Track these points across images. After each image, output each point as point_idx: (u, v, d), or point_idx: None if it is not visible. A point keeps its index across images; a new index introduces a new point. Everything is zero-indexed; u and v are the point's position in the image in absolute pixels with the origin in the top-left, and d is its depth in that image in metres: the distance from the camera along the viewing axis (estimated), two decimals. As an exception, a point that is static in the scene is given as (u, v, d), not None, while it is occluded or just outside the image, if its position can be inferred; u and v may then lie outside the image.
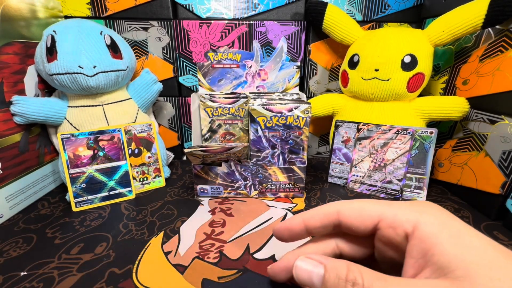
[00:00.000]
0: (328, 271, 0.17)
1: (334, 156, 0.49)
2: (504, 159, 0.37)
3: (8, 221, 0.38)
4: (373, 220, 0.19)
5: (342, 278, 0.16)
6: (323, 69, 0.57)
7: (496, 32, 0.39)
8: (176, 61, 0.53)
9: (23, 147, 0.40)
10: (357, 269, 0.16)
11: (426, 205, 0.18)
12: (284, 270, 0.22)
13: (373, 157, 0.45)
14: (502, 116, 0.37)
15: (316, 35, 0.54)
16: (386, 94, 0.45)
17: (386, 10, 0.54)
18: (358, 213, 0.19)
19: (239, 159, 0.41)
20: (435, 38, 0.42)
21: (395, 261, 0.19)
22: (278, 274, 0.23)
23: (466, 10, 0.39)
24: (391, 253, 0.19)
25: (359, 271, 0.16)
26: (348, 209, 0.20)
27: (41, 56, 0.39)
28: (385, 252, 0.20)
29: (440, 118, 0.44)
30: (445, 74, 0.48)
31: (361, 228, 0.19)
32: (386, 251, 0.19)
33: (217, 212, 0.40)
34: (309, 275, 0.18)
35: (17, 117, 0.39)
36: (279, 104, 0.39)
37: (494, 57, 0.39)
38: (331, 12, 0.48)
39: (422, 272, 0.16)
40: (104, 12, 0.50)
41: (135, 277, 0.28)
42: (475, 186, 0.41)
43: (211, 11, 0.52)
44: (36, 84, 0.43)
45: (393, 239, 0.18)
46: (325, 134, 0.62)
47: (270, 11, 0.53)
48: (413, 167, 0.43)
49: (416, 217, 0.17)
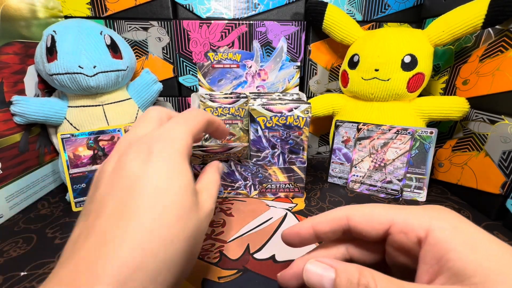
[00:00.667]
0: (340, 275, 0.17)
1: (334, 156, 0.49)
2: (504, 159, 0.37)
3: (8, 221, 0.38)
4: (384, 225, 0.19)
5: (354, 282, 0.16)
6: (323, 69, 0.57)
7: (496, 32, 0.39)
8: (176, 61, 0.53)
9: (23, 147, 0.40)
10: (369, 273, 0.16)
11: (438, 210, 0.18)
12: (294, 276, 0.22)
13: (373, 157, 0.45)
14: (502, 116, 0.37)
15: (316, 35, 0.54)
16: (386, 94, 0.45)
17: (386, 10, 0.54)
18: (368, 218, 0.19)
19: (239, 159, 0.41)
20: (435, 38, 0.42)
21: (407, 267, 0.19)
22: (289, 280, 0.22)
23: (466, 10, 0.39)
24: (403, 259, 0.19)
25: (371, 276, 0.16)
26: (358, 214, 0.20)
27: (41, 56, 0.39)
28: (396, 258, 0.19)
29: (440, 118, 0.44)
30: (445, 74, 0.48)
31: (371, 233, 0.19)
32: (397, 256, 0.19)
33: (217, 212, 0.40)
34: (320, 279, 0.18)
35: (17, 117, 0.39)
36: (279, 104, 0.39)
37: (494, 57, 0.39)
38: (331, 12, 0.48)
39: (437, 278, 0.16)
40: (104, 12, 0.50)
41: (135, 277, 0.28)
42: (475, 186, 0.41)
43: (211, 11, 0.52)
44: (36, 84, 0.43)
45: (405, 244, 0.18)
46: (325, 134, 0.62)
47: (270, 11, 0.53)
48: (413, 167, 0.43)
49: (428, 222, 0.17)
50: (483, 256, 0.15)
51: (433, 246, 0.16)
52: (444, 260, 0.15)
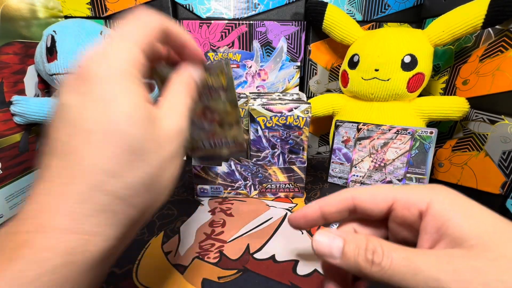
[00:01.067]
0: (348, 243, 0.18)
1: (334, 156, 0.49)
2: (504, 159, 0.37)
3: (8, 221, 0.38)
4: (387, 203, 0.20)
5: (362, 248, 0.17)
6: (323, 69, 0.57)
7: (496, 32, 0.39)
8: (176, 61, 0.53)
9: (23, 147, 0.40)
10: (376, 240, 0.17)
11: (438, 187, 0.19)
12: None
13: (373, 157, 0.45)
14: (502, 116, 0.37)
15: (316, 35, 0.54)
16: (386, 94, 0.45)
17: (386, 10, 0.54)
18: (373, 197, 0.20)
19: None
20: (435, 38, 0.42)
21: (409, 241, 0.20)
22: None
23: (466, 10, 0.39)
24: (405, 233, 0.20)
25: (378, 242, 0.17)
26: (363, 194, 0.21)
27: (41, 56, 0.39)
28: (399, 233, 0.20)
29: (440, 118, 0.44)
30: (445, 74, 0.48)
31: (375, 211, 0.20)
32: (400, 232, 0.20)
33: (217, 212, 0.40)
34: (329, 248, 0.18)
35: (17, 117, 0.39)
36: (279, 104, 0.39)
37: (494, 57, 0.39)
38: (331, 12, 0.48)
39: (437, 245, 0.17)
40: (104, 12, 0.50)
41: (135, 277, 0.28)
42: (475, 186, 0.41)
43: (211, 11, 0.52)
44: (36, 84, 0.43)
45: (408, 218, 0.19)
46: (325, 134, 0.62)
47: (270, 11, 0.53)
48: (413, 167, 0.43)
49: (428, 196, 0.18)
50: (478, 222, 0.16)
51: (433, 217, 0.17)
52: (443, 228, 0.17)
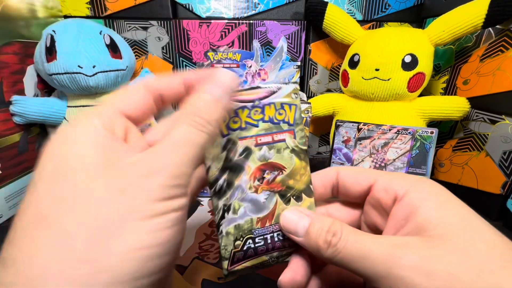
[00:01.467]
0: (314, 223, 0.18)
1: (334, 156, 0.48)
2: (504, 159, 0.37)
3: (8, 221, 0.38)
4: (369, 181, 0.20)
5: (325, 229, 0.17)
6: (323, 69, 0.57)
7: (496, 31, 0.39)
8: (175, 61, 0.53)
9: (23, 147, 0.40)
10: (339, 223, 0.18)
11: (423, 179, 0.19)
12: None
13: (373, 157, 0.45)
14: (502, 116, 0.37)
15: (316, 34, 0.54)
16: (386, 94, 0.45)
17: (387, 10, 0.53)
18: (356, 174, 0.21)
19: None
20: (435, 38, 0.42)
21: (379, 229, 0.20)
22: None
23: (466, 10, 0.39)
24: (377, 219, 0.20)
25: (340, 225, 0.17)
26: (347, 169, 0.22)
27: (40, 56, 0.39)
28: (371, 218, 0.20)
29: (441, 118, 0.44)
30: (445, 74, 0.48)
31: (356, 188, 0.20)
32: (372, 216, 0.20)
33: (217, 212, 0.40)
34: (295, 225, 0.19)
35: (17, 117, 0.38)
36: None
37: (495, 57, 0.39)
38: (331, 11, 0.48)
39: (400, 231, 0.17)
40: (104, 11, 0.50)
41: (135, 277, 0.28)
42: (475, 186, 0.41)
43: (211, 10, 0.52)
44: (36, 84, 0.43)
45: (383, 201, 0.19)
46: (326, 134, 0.62)
47: (270, 10, 0.52)
48: (413, 167, 0.43)
49: (410, 184, 0.18)
50: (447, 214, 0.16)
51: (405, 204, 0.17)
52: (411, 216, 0.16)
